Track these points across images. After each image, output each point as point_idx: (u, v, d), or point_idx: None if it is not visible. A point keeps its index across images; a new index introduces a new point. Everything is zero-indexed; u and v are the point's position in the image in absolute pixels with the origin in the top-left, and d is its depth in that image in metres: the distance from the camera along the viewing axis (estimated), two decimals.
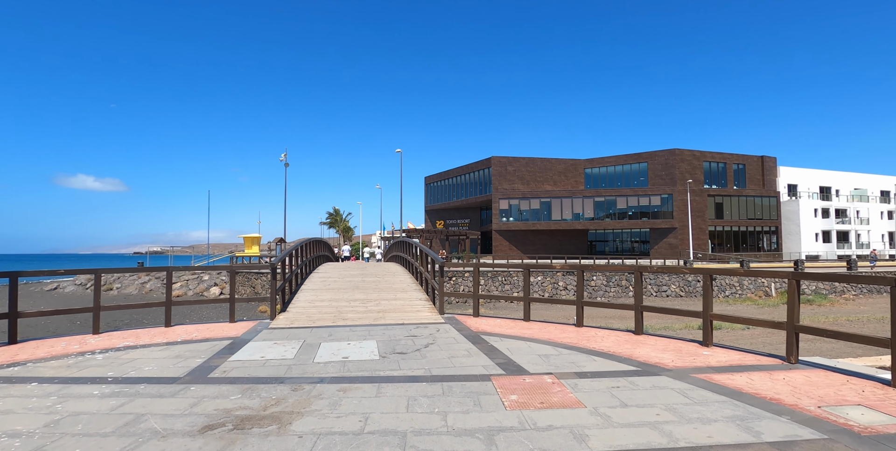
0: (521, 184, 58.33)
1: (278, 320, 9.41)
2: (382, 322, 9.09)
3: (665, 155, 55.44)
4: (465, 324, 9.00)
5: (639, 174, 57.66)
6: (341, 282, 13.61)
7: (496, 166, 57.97)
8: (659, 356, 6.42)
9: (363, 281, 13.80)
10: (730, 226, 55.80)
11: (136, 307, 9.45)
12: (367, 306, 10.59)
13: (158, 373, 5.72)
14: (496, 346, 7.06)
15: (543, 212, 56.49)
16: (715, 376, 5.46)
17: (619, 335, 8.01)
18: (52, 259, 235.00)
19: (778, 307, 30.45)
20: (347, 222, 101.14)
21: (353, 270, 16.76)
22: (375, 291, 12.25)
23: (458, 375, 5.52)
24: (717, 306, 32.89)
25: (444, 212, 68.98)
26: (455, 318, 9.72)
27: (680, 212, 53.16)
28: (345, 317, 9.54)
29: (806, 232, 57.16)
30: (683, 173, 54.51)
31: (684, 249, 52.53)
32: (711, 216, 54.98)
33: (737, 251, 55.41)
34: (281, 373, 5.66)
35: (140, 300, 32.46)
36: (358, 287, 12.73)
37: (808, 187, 60.95)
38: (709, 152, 56.57)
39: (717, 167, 56.92)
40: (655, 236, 54.55)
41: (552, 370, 5.70)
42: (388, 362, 6.10)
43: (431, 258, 11.26)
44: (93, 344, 7.51)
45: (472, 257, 43.05)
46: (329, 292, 12.08)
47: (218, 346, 7.24)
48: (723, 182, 57.02)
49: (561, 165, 60.09)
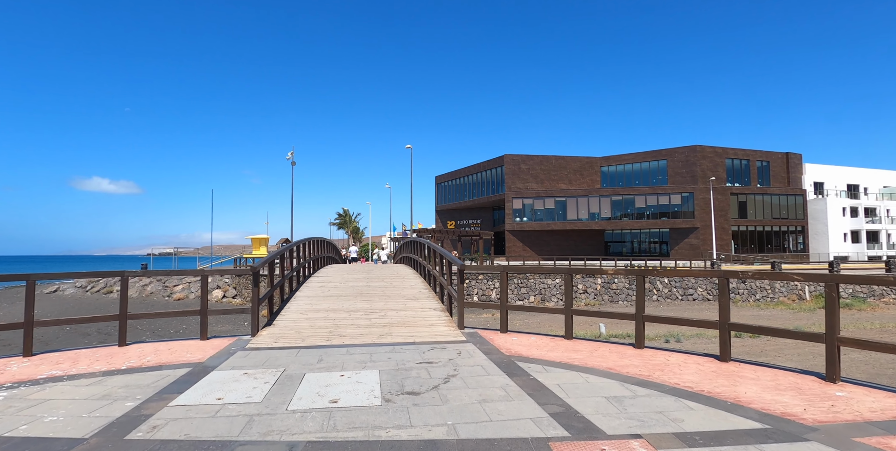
0: (535, 183, 56.34)
1: (260, 337, 7.60)
2: (388, 341, 7.24)
3: (685, 152, 53.19)
4: (493, 343, 7.13)
5: (658, 172, 55.45)
6: (343, 287, 11.79)
7: (509, 165, 56.02)
8: (779, 400, 4.51)
9: (368, 286, 11.98)
10: (754, 226, 53.42)
11: (79, 323, 7.63)
12: (371, 318, 8.76)
13: (58, 429, 3.91)
14: (542, 381, 5.18)
15: (558, 211, 54.45)
16: (892, 441, 3.55)
17: (698, 362, 6.10)
18: (68, 260, 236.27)
19: (815, 312, 28.30)
20: (357, 223, 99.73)
21: (358, 273, 14.95)
22: (382, 298, 10.42)
23: (499, 438, 3.66)
24: (749, 310, 30.80)
25: (456, 212, 67.12)
26: (478, 334, 7.86)
27: (701, 211, 50.88)
28: (342, 333, 7.71)
29: (834, 232, 54.63)
30: (705, 171, 52.23)
31: (706, 250, 50.26)
32: (735, 216, 52.63)
33: (761, 252, 53.02)
34: (234, 433, 3.82)
35: (139, 304, 30.90)
36: (362, 294, 10.91)
37: (835, 185, 58.41)
38: (731, 149, 54.25)
39: (739, 164, 54.57)
40: (676, 237, 52.31)
41: (638, 429, 3.81)
42: (393, 412, 4.24)
43: (448, 260, 9.42)
44: (10, 373, 5.74)
45: (486, 259, 41.13)
46: (327, 300, 10.27)
47: (169, 377, 5.43)
48: (746, 180, 54.66)
49: (576, 162, 58.02)
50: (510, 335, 7.88)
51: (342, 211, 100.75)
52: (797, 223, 54.61)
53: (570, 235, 55.08)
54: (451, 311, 9.29)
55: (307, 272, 14.09)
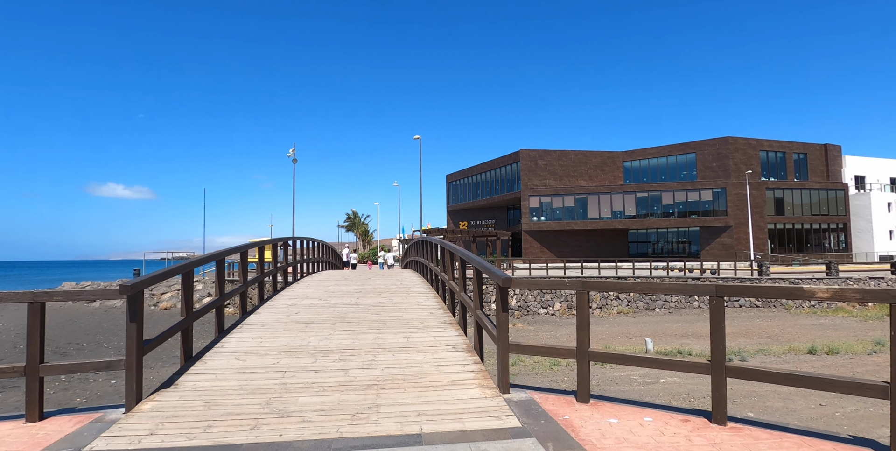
0: (553, 179, 52.65)
1: (136, 415, 4.09)
2: (372, 430, 3.71)
3: (717, 144, 49.21)
4: (576, 435, 3.57)
5: (685, 167, 51.53)
6: (321, 307, 8.25)
7: (525, 161, 52.37)
8: None
9: (357, 305, 8.43)
10: (792, 223, 49.31)
11: None
12: (350, 368, 5.21)
13: None
14: None
15: (578, 210, 50.71)
16: None
17: None
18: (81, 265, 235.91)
19: (883, 320, 24.50)
20: (367, 226, 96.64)
21: (349, 284, 11.39)
22: (374, 327, 6.84)
23: None
24: (807, 318, 26.94)
25: (468, 212, 63.56)
26: (538, 407, 4.28)
27: (735, 208, 46.90)
28: (289, 407, 4.18)
29: (879, 229, 50.33)
30: (738, 164, 48.22)
31: (741, 249, 46.25)
32: (771, 212, 48.58)
33: (800, 252, 48.91)
34: None
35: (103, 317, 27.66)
36: (345, 319, 7.34)
37: (878, 179, 54.13)
38: (766, 140, 50.20)
39: (774, 157, 50.49)
40: (706, 236, 48.34)
41: None
42: None
43: (478, 268, 5.85)
44: None
45: (504, 261, 37.48)
46: (289, 330, 6.71)
47: None
48: (782, 174, 50.57)
49: (597, 157, 54.25)
50: (598, 408, 4.30)
51: (351, 213, 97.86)
52: (838, 220, 50.42)
53: (592, 235, 51.31)
54: (480, 349, 5.74)
55: (279, 282, 10.60)
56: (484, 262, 5.77)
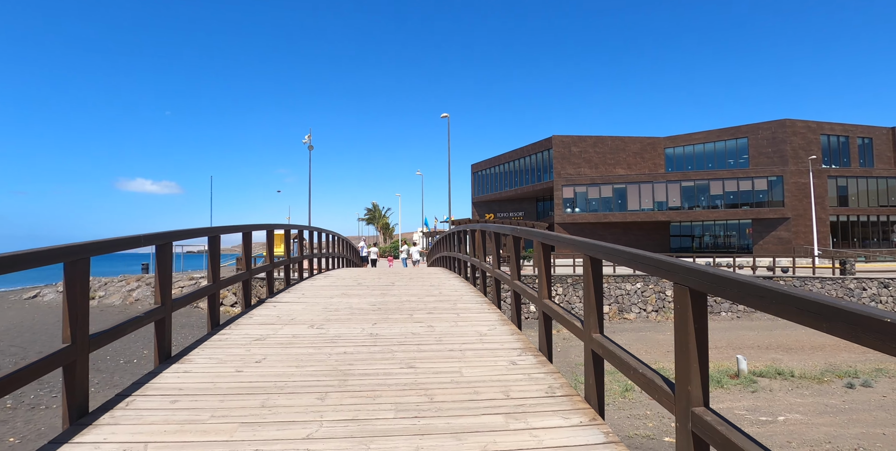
0: (589, 168, 48.56)
1: None
2: None
3: (772, 127, 44.52)
4: None
5: (735, 153, 46.95)
6: (307, 344, 4.67)
7: (558, 147, 48.33)
8: None
9: (373, 342, 4.78)
10: (856, 215, 44.50)
11: None
12: None
13: None
14: None
15: (616, 201, 46.60)
16: None
17: None
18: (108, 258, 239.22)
19: None
20: (387, 219, 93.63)
21: (363, 293, 7.82)
22: (405, 407, 3.28)
23: None
24: None
25: (494, 204, 59.79)
26: None
27: (793, 198, 42.32)
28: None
29: None
30: (796, 150, 43.52)
31: (800, 244, 41.70)
32: (833, 204, 43.83)
33: (864, 247, 44.14)
34: None
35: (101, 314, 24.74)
36: (346, 383, 3.70)
37: None
38: (826, 123, 45.33)
39: (836, 142, 45.61)
40: (760, 229, 43.84)
41: None
42: None
43: None
44: None
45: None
46: (215, 421, 3.17)
47: None
48: (845, 160, 45.68)
49: (636, 144, 49.96)
50: None
51: (371, 206, 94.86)
52: None
53: (630, 228, 47.19)
54: None
55: (269, 289, 7.12)
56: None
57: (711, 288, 2.04)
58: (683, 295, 2.19)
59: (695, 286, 2.14)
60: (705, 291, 2.12)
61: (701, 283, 2.09)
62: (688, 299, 2.17)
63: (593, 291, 3.28)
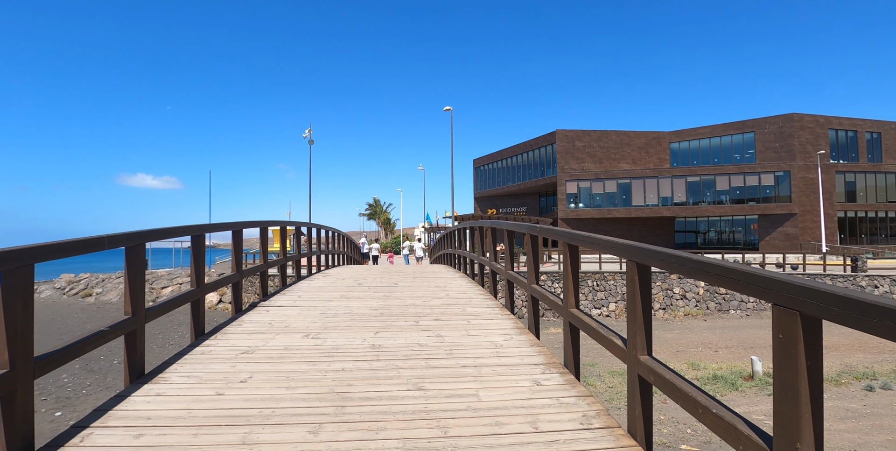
0: (593, 162, 47.91)
1: None
2: None
3: (779, 122, 43.81)
4: None
5: (741, 148, 46.24)
6: (300, 358, 4.10)
7: (562, 142, 47.66)
8: None
9: (376, 355, 4.20)
10: (864, 211, 43.86)
11: None
12: None
13: None
14: None
15: (621, 196, 45.96)
16: None
17: None
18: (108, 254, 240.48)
19: None
20: (388, 214, 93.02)
21: (365, 294, 7.28)
22: (416, 444, 2.75)
23: None
24: None
25: (496, 199, 59.19)
26: None
27: (800, 193, 41.66)
28: None
29: None
30: (804, 144, 42.81)
31: (807, 240, 41.08)
32: (841, 199, 43.18)
33: (872, 243, 43.52)
34: None
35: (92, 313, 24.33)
36: (343, 410, 3.19)
37: None
38: (835, 118, 44.58)
39: (845, 137, 44.87)
40: (766, 225, 43.21)
41: None
42: None
43: None
44: None
45: (543, 252, 33.14)
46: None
47: None
48: (853, 155, 44.96)
49: (641, 138, 49.26)
50: None
51: (373, 201, 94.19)
52: None
53: (634, 223, 46.59)
54: None
55: (269, 284, 6.59)
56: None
57: (842, 316, 1.48)
58: (792, 323, 1.64)
59: (809, 311, 1.59)
60: (824, 317, 1.56)
61: (822, 307, 1.54)
62: (798, 328, 1.61)
63: (640, 303, 2.73)
